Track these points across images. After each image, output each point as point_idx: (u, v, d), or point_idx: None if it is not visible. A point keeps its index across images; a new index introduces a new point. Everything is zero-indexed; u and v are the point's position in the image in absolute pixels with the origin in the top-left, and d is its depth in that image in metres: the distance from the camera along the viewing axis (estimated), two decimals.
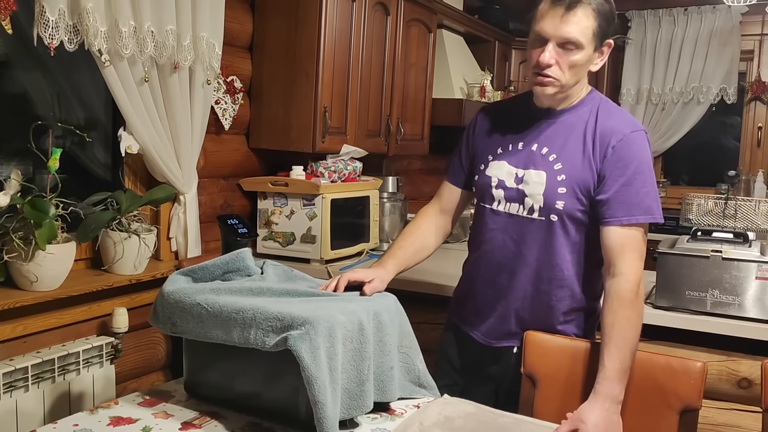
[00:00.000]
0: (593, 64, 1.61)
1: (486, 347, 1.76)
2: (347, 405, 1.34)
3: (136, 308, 2.26)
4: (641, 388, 1.57)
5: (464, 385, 1.76)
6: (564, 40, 1.54)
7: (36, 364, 1.90)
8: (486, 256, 1.73)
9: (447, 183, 1.87)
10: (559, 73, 1.57)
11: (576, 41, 1.54)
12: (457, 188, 1.85)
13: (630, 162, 1.57)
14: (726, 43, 4.39)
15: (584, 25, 1.53)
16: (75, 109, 2.33)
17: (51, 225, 1.87)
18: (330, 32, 2.66)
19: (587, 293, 1.70)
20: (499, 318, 1.73)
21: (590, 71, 1.62)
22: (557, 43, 1.55)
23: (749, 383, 2.04)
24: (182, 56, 2.23)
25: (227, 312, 1.35)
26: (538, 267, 1.66)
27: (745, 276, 2.03)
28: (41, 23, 1.80)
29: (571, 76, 1.58)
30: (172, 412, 1.42)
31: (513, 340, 1.73)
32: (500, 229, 1.69)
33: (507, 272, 1.69)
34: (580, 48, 1.55)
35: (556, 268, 1.65)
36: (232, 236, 2.52)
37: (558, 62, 1.56)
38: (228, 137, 2.72)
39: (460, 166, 1.83)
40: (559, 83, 1.58)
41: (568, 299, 1.68)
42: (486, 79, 3.77)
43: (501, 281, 1.70)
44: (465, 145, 1.82)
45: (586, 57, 1.57)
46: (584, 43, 1.55)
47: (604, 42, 1.59)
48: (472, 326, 1.79)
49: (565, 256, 1.64)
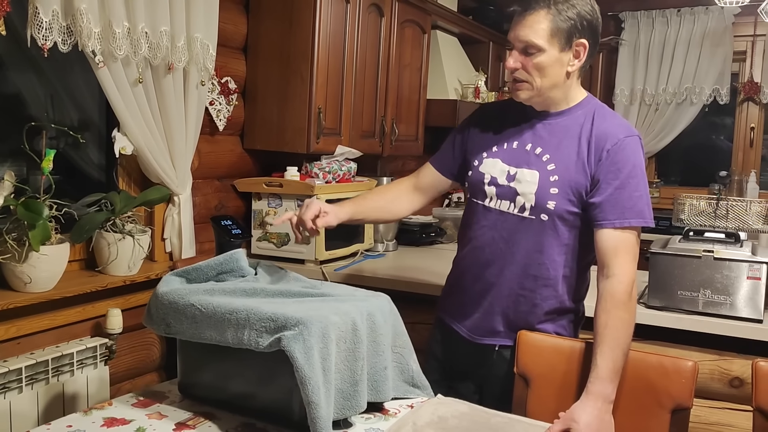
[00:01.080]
0: (568, 65, 1.62)
1: (470, 343, 1.77)
2: (341, 405, 1.35)
3: (131, 309, 2.26)
4: (633, 387, 1.58)
5: (450, 382, 1.77)
6: (523, 44, 1.59)
7: (30, 365, 1.90)
8: (475, 251, 1.75)
9: (429, 165, 1.90)
10: (527, 77, 1.61)
11: (531, 43, 1.58)
12: (437, 173, 1.87)
13: (624, 166, 1.58)
14: (718, 44, 4.41)
15: (539, 27, 1.57)
16: (69, 110, 2.33)
17: (45, 226, 1.86)
18: (324, 33, 2.67)
19: (572, 295, 1.71)
20: (483, 314, 1.74)
21: (569, 72, 1.62)
22: (520, 47, 1.60)
23: (741, 382, 2.05)
24: (176, 57, 2.23)
25: (221, 313, 1.35)
26: (525, 265, 1.67)
27: (736, 276, 2.05)
28: (35, 24, 1.80)
29: (541, 78, 1.60)
30: (166, 413, 1.42)
31: (496, 338, 1.75)
32: (490, 225, 1.71)
33: (494, 268, 1.70)
34: (540, 50, 1.58)
35: (543, 267, 1.66)
36: (225, 237, 2.52)
37: (524, 66, 1.60)
38: (222, 138, 2.72)
39: (450, 155, 1.85)
40: (530, 86, 1.62)
41: (552, 299, 1.69)
42: (480, 79, 3.78)
43: (488, 277, 1.72)
44: (460, 136, 1.84)
45: (551, 58, 1.59)
46: (542, 45, 1.57)
47: (575, 43, 1.60)
48: (457, 321, 1.81)
49: (553, 257, 1.66)
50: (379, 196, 1.90)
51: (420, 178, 1.90)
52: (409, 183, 1.91)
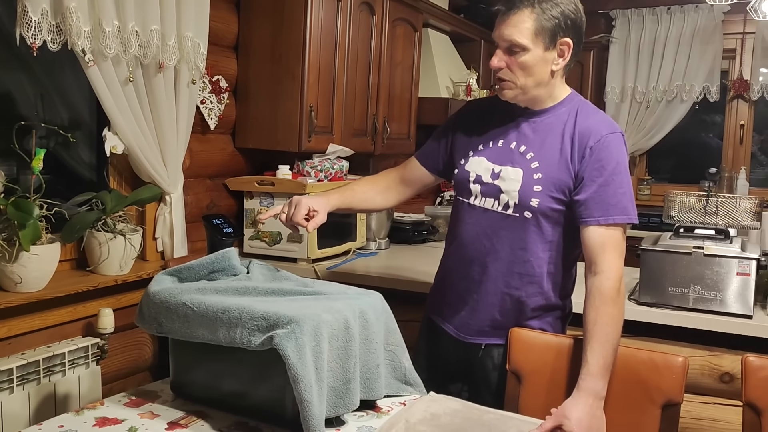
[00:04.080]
0: (553, 64, 1.62)
1: (458, 342, 1.78)
2: (333, 403, 1.35)
3: (122, 309, 2.25)
4: (624, 383, 1.59)
5: (439, 380, 1.77)
6: (507, 43, 1.60)
7: (21, 365, 1.89)
8: (460, 249, 1.76)
9: (415, 160, 1.90)
10: (511, 76, 1.62)
11: (516, 42, 1.59)
12: (423, 168, 1.88)
13: (608, 163, 1.59)
14: (708, 41, 4.44)
15: (523, 26, 1.58)
16: (59, 109, 2.32)
17: (35, 226, 1.86)
18: (315, 32, 2.66)
19: (558, 291, 1.72)
20: (469, 311, 1.75)
21: (554, 71, 1.63)
22: (504, 47, 1.61)
23: (731, 378, 2.07)
24: (167, 56, 2.22)
25: (213, 312, 1.35)
26: (510, 262, 1.68)
27: (726, 272, 2.06)
28: (24, 23, 1.79)
29: (525, 77, 1.61)
30: (158, 412, 1.42)
31: (482, 336, 1.75)
32: (475, 223, 1.71)
33: (479, 266, 1.71)
34: (525, 49, 1.59)
35: (528, 264, 1.67)
36: (217, 236, 2.51)
37: (508, 65, 1.62)
38: (214, 137, 2.72)
39: (437, 151, 1.85)
40: (515, 85, 1.63)
41: (538, 296, 1.70)
42: (472, 78, 3.78)
43: (473, 275, 1.72)
44: (446, 134, 1.84)
45: (535, 57, 1.59)
46: (526, 44, 1.58)
47: (560, 41, 1.61)
48: (445, 319, 1.81)
49: (538, 254, 1.67)
50: (368, 188, 1.90)
51: (406, 171, 1.91)
52: (397, 175, 1.92)
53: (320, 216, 1.70)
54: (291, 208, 1.68)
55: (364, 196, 1.88)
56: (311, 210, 1.68)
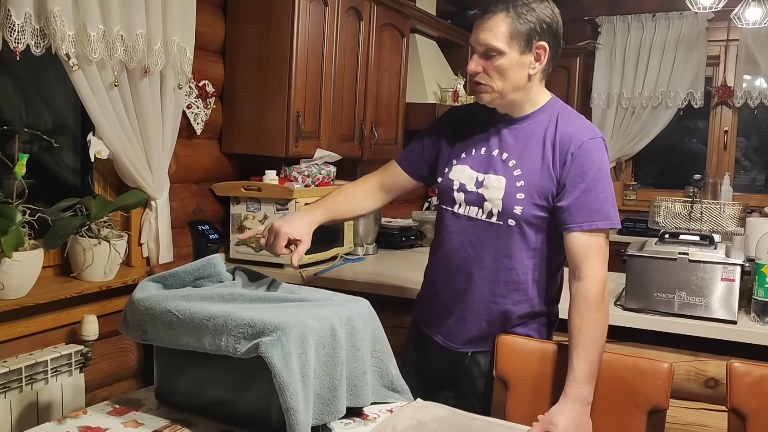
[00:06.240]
0: (529, 68, 1.62)
1: (445, 350, 1.78)
2: (320, 411, 1.34)
3: (107, 315, 2.23)
4: (610, 389, 1.60)
5: (426, 387, 1.77)
6: (483, 47, 1.61)
7: (2, 373, 1.86)
8: (445, 258, 1.75)
9: (396, 164, 1.89)
10: (488, 80, 1.62)
11: (491, 46, 1.59)
12: (405, 174, 1.87)
13: (589, 169, 1.60)
14: (693, 48, 4.48)
15: (498, 30, 1.59)
16: (43, 113, 2.30)
17: (17, 232, 1.84)
18: (302, 37, 2.66)
19: (544, 298, 1.72)
20: (456, 320, 1.75)
21: (531, 75, 1.63)
22: (480, 51, 1.62)
23: (716, 383, 2.08)
24: (153, 60, 2.21)
25: (198, 319, 1.34)
26: (495, 270, 1.68)
27: (711, 277, 2.08)
28: (6, 27, 1.77)
29: (502, 82, 1.62)
30: (142, 421, 1.40)
31: (469, 345, 1.75)
32: (459, 231, 1.71)
33: (464, 274, 1.71)
34: (500, 53, 1.59)
35: (513, 271, 1.67)
36: (203, 242, 2.50)
37: (485, 70, 1.62)
38: (200, 142, 2.70)
39: (420, 157, 1.84)
40: (492, 89, 1.63)
41: (524, 303, 1.70)
42: (459, 83, 3.80)
43: (458, 283, 1.72)
44: (430, 141, 1.83)
45: (511, 61, 1.60)
46: (501, 48, 1.59)
47: (536, 45, 1.61)
48: (431, 328, 1.81)
49: (522, 261, 1.67)
50: (351, 197, 1.87)
51: (387, 176, 1.89)
52: (376, 181, 1.89)
53: (303, 245, 1.65)
54: (270, 236, 1.64)
55: (348, 207, 1.86)
56: (292, 239, 1.65)
